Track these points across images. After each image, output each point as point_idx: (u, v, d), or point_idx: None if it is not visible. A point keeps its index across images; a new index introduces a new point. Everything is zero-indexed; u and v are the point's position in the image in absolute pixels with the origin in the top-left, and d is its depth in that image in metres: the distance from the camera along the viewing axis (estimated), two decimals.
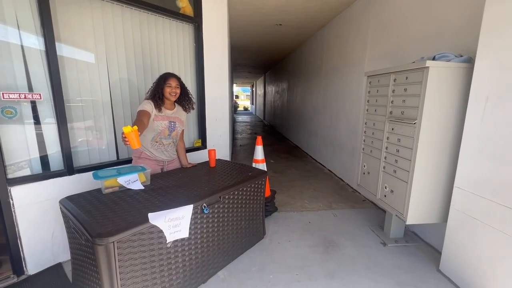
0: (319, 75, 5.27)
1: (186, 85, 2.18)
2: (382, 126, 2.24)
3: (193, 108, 2.26)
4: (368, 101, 2.50)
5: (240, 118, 17.43)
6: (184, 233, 1.58)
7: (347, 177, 4.01)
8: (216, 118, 3.18)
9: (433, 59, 1.86)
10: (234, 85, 20.15)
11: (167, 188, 1.80)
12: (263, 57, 8.76)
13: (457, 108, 1.83)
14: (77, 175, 2.03)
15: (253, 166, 2.91)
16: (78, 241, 1.42)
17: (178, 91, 2.06)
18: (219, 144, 3.24)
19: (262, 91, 15.54)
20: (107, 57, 2.23)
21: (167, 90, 1.99)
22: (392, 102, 2.13)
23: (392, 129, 2.12)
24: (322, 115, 5.13)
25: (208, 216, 1.74)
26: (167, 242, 1.48)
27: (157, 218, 1.40)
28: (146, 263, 1.40)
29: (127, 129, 1.49)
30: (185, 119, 2.25)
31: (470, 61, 1.79)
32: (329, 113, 4.73)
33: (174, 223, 1.50)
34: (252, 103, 23.99)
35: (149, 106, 1.94)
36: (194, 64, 2.93)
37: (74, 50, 2.04)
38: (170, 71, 2.69)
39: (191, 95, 2.22)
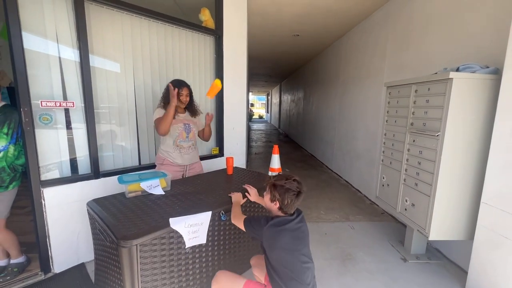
0: (336, 85, 5.25)
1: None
2: (403, 137, 2.19)
3: (200, 113, 2.34)
4: (387, 112, 2.46)
5: (255, 126, 17.55)
6: (202, 239, 1.61)
7: (365, 189, 3.91)
8: (234, 126, 3.24)
9: (457, 70, 1.82)
10: (250, 93, 20.43)
11: (187, 194, 1.85)
12: (279, 66, 8.87)
13: (483, 120, 1.77)
14: (102, 179, 2.14)
15: (269, 174, 2.92)
16: (103, 243, 1.49)
17: (189, 99, 2.18)
18: (236, 152, 3.29)
19: (278, 99, 15.63)
20: (134, 67, 2.36)
21: (180, 98, 2.10)
22: (413, 113, 2.09)
23: (414, 140, 2.07)
24: (338, 125, 5.08)
25: (225, 223, 1.76)
26: (185, 247, 1.51)
27: (177, 223, 1.44)
28: (166, 267, 1.43)
29: (219, 83, 2.16)
30: (199, 120, 2.33)
31: (497, 72, 1.73)
32: (346, 123, 4.67)
33: (193, 229, 1.53)
34: (267, 111, 24.13)
35: (163, 113, 2.04)
36: (214, 74, 3.02)
37: (105, 61, 2.19)
38: (191, 81, 2.80)
39: (195, 101, 2.30)
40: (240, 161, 3.32)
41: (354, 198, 3.80)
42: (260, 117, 27.72)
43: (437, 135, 1.81)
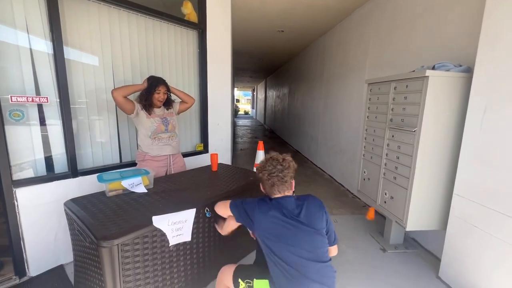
0: (320, 81, 5.33)
1: (190, 90, 2.23)
2: (383, 133, 2.27)
3: (173, 102, 2.30)
4: (368, 108, 2.53)
5: (240, 122, 17.50)
6: (187, 237, 1.60)
7: (347, 183, 4.03)
8: (218, 122, 3.21)
9: (433, 68, 1.90)
10: (235, 89, 20.27)
11: (170, 191, 1.82)
12: (264, 62, 8.85)
13: (456, 116, 1.86)
14: (81, 177, 2.06)
15: (255, 170, 2.93)
16: (82, 243, 1.44)
17: (166, 96, 2.15)
18: (221, 148, 3.27)
19: (263, 95, 15.65)
20: (113, 61, 2.27)
21: (156, 96, 2.08)
22: (392, 109, 2.16)
23: (393, 136, 2.15)
24: (322, 121, 5.17)
25: (210, 220, 1.76)
26: (169, 245, 1.49)
27: (160, 221, 1.42)
28: (149, 266, 1.41)
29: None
30: (174, 109, 2.29)
31: (469, 71, 1.83)
32: (330, 119, 4.77)
33: (177, 226, 1.52)
34: (252, 107, 24.12)
35: (135, 103, 2.03)
36: (197, 69, 2.97)
37: (81, 54, 2.08)
38: (174, 76, 2.74)
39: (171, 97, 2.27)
40: (225, 158, 3.30)
41: (337, 192, 3.90)
42: (246, 113, 27.66)
43: (414, 131, 1.89)
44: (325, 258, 1.17)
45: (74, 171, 2.02)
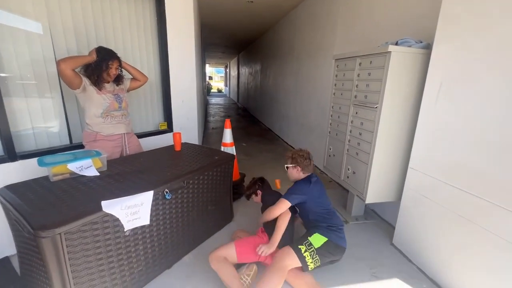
0: (291, 58, 5.22)
1: (148, 64, 2.03)
2: (347, 110, 2.29)
3: (124, 78, 2.11)
4: (335, 85, 2.53)
5: (213, 100, 17.00)
6: (144, 220, 1.52)
7: (316, 160, 4.11)
8: (183, 99, 3.02)
9: (396, 44, 1.90)
10: (207, 65, 19.41)
11: (126, 173, 1.69)
12: (236, 37, 8.45)
13: (415, 93, 1.92)
14: (20, 161, 1.83)
15: (222, 149, 2.86)
16: (21, 234, 1.29)
17: (117, 72, 1.96)
18: (187, 126, 3.11)
19: (236, 72, 15.18)
20: (51, 27, 1.96)
21: (109, 72, 1.88)
22: (357, 86, 2.17)
23: (356, 113, 2.18)
24: (294, 98, 5.16)
25: (171, 201, 1.68)
26: (125, 230, 1.41)
27: (111, 206, 1.31)
28: (102, 253, 1.32)
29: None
30: (124, 85, 2.11)
31: (428, 47, 1.85)
32: (301, 97, 4.75)
33: (132, 210, 1.42)
34: (226, 85, 23.43)
35: (82, 78, 1.82)
36: (156, 41, 2.70)
37: (8, 16, 1.76)
38: (128, 46, 2.47)
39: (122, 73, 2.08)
40: (192, 137, 3.17)
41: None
42: (219, 91, 26.87)
43: (376, 107, 1.92)
44: None
45: (11, 154, 1.78)
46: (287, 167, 1.94)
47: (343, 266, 1.86)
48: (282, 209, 1.72)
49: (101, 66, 1.83)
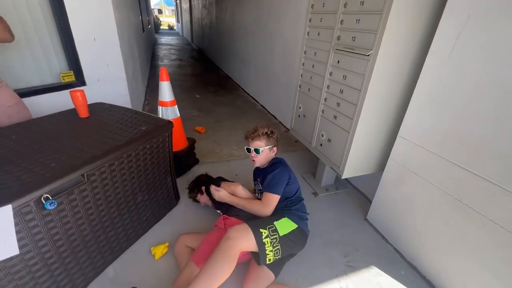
0: None
1: None
2: (326, 57, 1.70)
3: None
4: (310, 20, 1.85)
5: (163, 39, 14.53)
6: (10, 251, 0.91)
7: (281, 115, 3.63)
8: (95, 37, 2.07)
9: None
10: None
11: None
12: None
13: (421, 34, 1.37)
14: None
15: (160, 110, 2.13)
16: None
17: None
18: (109, 78, 2.24)
19: (188, 4, 12.77)
20: None
21: None
22: (341, 22, 1.54)
23: (338, 62, 1.60)
24: (254, 39, 4.29)
25: (61, 210, 1.05)
26: None
27: None
28: None
29: None
30: None
31: None
32: (263, 36, 3.92)
33: None
34: (177, 21, 20.13)
35: None
36: None
37: None
38: None
39: None
40: (116, 92, 2.32)
41: (270, 125, 3.50)
42: (171, 27, 23.16)
43: (368, 55, 1.36)
44: None
45: None
46: (262, 151, 1.53)
47: (313, 258, 1.54)
48: (273, 205, 1.41)
49: None
